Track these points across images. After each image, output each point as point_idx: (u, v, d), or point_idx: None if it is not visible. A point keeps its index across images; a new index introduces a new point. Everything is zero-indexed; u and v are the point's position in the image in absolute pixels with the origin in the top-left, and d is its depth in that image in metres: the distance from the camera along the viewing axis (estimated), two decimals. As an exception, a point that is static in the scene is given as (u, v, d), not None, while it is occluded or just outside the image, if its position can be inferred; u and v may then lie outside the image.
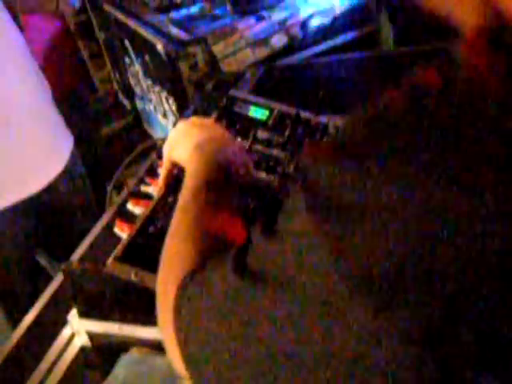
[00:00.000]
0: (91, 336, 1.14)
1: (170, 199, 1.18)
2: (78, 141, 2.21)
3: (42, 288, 1.35)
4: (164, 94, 2.29)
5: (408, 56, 1.86)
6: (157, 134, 2.66)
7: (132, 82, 2.75)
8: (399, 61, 1.85)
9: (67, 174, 1.98)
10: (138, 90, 2.72)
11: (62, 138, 2.04)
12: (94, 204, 2.13)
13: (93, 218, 1.40)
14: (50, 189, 1.92)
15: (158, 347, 1.08)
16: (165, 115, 2.41)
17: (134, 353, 1.09)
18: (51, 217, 2.00)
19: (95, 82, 3.19)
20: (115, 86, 3.09)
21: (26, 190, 1.85)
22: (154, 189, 1.25)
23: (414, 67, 0.49)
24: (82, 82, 3.17)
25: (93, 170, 2.61)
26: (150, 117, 2.69)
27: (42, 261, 2.09)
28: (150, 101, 2.55)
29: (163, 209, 1.17)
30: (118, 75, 2.98)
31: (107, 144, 3.23)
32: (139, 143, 1.86)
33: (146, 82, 2.50)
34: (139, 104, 2.81)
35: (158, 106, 2.47)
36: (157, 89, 2.36)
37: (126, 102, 3.01)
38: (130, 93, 2.90)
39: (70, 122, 2.20)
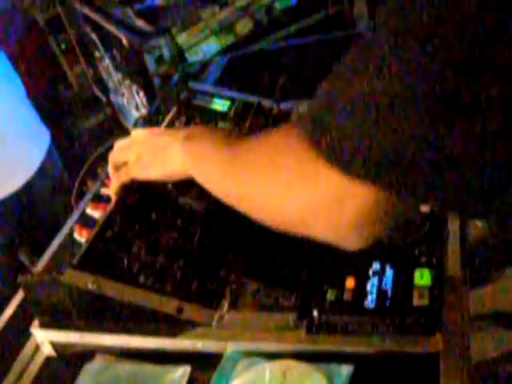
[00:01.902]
0: (55, 346, 1.12)
1: (130, 201, 1.15)
2: (56, 137, 2.18)
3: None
4: (134, 88, 2.25)
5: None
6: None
7: (104, 76, 2.71)
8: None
9: (45, 170, 1.96)
10: (110, 83, 2.68)
11: (38, 135, 2.01)
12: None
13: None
14: (28, 186, 1.90)
15: (121, 354, 1.07)
16: (137, 108, 2.37)
17: (97, 361, 1.07)
18: (31, 215, 1.97)
19: (69, 77, 3.16)
20: (90, 81, 3.05)
21: (3, 190, 1.83)
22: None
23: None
24: (56, 78, 3.14)
25: (72, 166, 2.59)
26: (125, 110, 2.65)
27: (25, 261, 2.06)
28: (123, 94, 2.51)
29: (121, 211, 1.14)
30: (91, 70, 2.94)
31: (86, 139, 3.21)
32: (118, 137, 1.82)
33: (116, 76, 2.47)
34: (114, 98, 2.77)
35: (130, 100, 2.43)
36: (127, 82, 2.32)
37: (101, 97, 2.97)
38: (104, 87, 2.86)
39: (46, 119, 2.17)
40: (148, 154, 1.03)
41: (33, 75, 2.92)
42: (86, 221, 1.22)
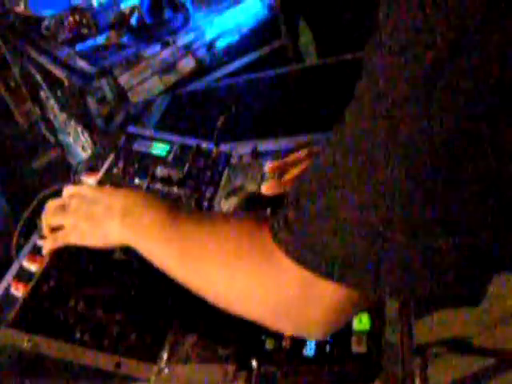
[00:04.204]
0: (-7, 406, 1.09)
1: (65, 255, 1.13)
2: (3, 179, 2.15)
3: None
4: (79, 128, 2.23)
5: (314, 70, 1.83)
6: (80, 167, 2.60)
7: (51, 115, 2.69)
8: (310, 76, 1.82)
9: None
10: (56, 123, 2.66)
11: None
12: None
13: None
14: None
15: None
16: (84, 148, 2.35)
17: (36, 421, 1.04)
18: None
19: (16, 116, 3.11)
20: (37, 120, 3.02)
21: None
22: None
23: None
24: (2, 117, 3.10)
25: (20, 208, 2.55)
26: (72, 150, 2.63)
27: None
28: (69, 134, 2.49)
29: (57, 266, 1.12)
30: (38, 109, 2.91)
31: (36, 179, 3.17)
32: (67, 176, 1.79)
33: (62, 116, 2.45)
34: (62, 137, 2.75)
35: (76, 140, 2.41)
36: (72, 123, 2.31)
37: (49, 136, 2.94)
38: (52, 126, 2.83)
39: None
40: (84, 223, 0.98)
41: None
42: (23, 274, 1.19)
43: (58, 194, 1.39)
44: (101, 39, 2.23)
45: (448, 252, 0.53)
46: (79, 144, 2.40)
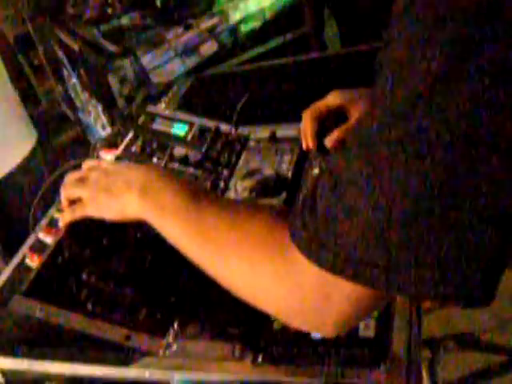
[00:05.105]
0: (4, 373, 1.10)
1: (80, 227, 1.15)
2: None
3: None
4: (100, 107, 2.25)
5: (337, 58, 1.83)
6: (100, 146, 2.61)
7: (72, 94, 2.70)
8: (330, 64, 1.82)
9: (27, 168, 1.93)
10: (78, 102, 2.67)
11: (24, 133, 2.00)
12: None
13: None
14: (7, 183, 1.87)
15: (69, 382, 1.06)
16: (104, 127, 2.37)
17: (46, 389, 1.06)
18: (5, 212, 1.94)
19: (38, 94, 3.13)
20: (59, 98, 3.04)
21: None
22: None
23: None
24: (25, 94, 3.12)
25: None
26: (92, 129, 2.64)
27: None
28: (89, 113, 2.51)
29: (71, 238, 1.13)
30: (60, 87, 2.93)
31: (56, 157, 3.19)
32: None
33: (83, 95, 2.46)
34: (82, 116, 2.77)
35: (96, 119, 2.43)
36: (93, 101, 2.32)
37: (70, 114, 2.96)
38: (73, 105, 2.85)
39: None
40: (103, 195, 0.97)
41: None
42: (38, 246, 1.21)
43: (77, 168, 1.41)
44: (125, 20, 2.24)
45: (459, 250, 0.54)
46: (99, 123, 2.42)
